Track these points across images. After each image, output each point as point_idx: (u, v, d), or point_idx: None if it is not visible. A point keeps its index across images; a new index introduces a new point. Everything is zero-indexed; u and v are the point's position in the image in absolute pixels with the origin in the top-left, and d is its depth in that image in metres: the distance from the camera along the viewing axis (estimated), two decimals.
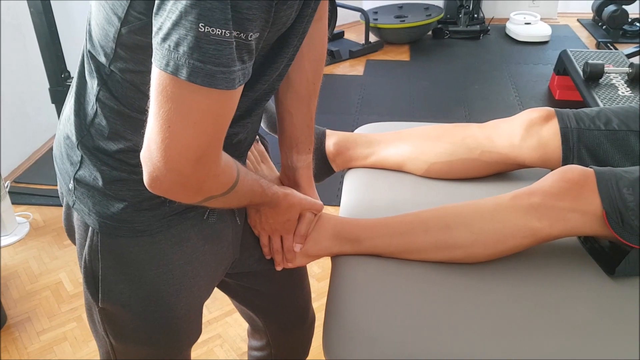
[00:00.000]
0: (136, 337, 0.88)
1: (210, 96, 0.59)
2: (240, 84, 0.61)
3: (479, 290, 0.88)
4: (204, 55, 0.56)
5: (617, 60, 3.07)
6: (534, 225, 0.87)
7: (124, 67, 0.69)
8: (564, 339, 0.79)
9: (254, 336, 1.24)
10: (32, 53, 2.66)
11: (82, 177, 0.78)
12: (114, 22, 0.65)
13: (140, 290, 0.82)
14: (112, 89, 0.71)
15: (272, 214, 0.91)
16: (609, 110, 1.06)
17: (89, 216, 0.79)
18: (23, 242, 2.24)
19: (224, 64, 0.57)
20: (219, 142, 0.66)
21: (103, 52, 0.70)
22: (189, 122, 0.60)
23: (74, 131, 0.77)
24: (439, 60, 3.96)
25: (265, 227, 0.94)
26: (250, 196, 0.82)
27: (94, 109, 0.74)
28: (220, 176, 0.70)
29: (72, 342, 1.79)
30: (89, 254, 0.81)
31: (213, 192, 0.71)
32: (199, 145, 0.63)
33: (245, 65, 0.60)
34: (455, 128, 1.14)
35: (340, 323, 0.86)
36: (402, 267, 0.93)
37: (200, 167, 0.65)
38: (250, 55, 0.61)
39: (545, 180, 0.90)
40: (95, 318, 0.88)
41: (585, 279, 0.89)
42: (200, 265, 0.85)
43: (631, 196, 0.84)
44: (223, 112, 0.63)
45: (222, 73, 0.58)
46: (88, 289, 0.85)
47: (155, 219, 0.79)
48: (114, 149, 0.74)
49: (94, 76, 0.73)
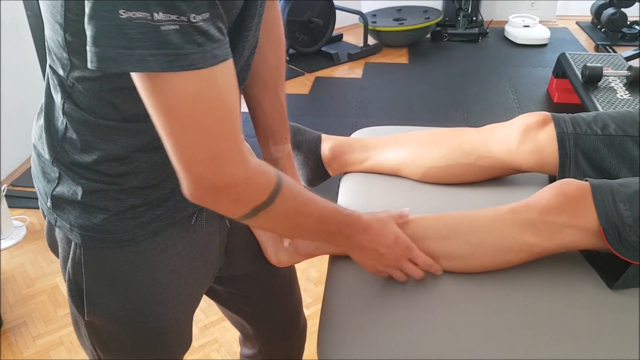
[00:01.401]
0: (124, 349, 0.87)
1: (173, 82, 0.56)
2: (205, 66, 0.57)
3: (476, 297, 0.87)
4: (129, 42, 0.53)
5: (616, 63, 3.06)
6: (530, 240, 0.87)
7: (80, 76, 0.67)
8: (561, 348, 0.79)
9: (246, 344, 1.23)
10: (30, 55, 2.66)
11: (60, 194, 0.76)
12: (57, 29, 0.64)
13: (126, 301, 0.81)
14: (76, 100, 0.70)
15: (375, 239, 0.85)
16: (605, 114, 1.06)
17: (71, 232, 0.77)
18: (19, 246, 2.23)
19: (168, 46, 0.54)
20: (225, 138, 0.62)
21: (60, 63, 0.69)
22: (177, 120, 0.59)
23: (47, 149, 0.76)
24: (438, 63, 3.96)
25: (386, 260, 0.86)
26: (317, 215, 0.77)
27: (63, 123, 0.73)
28: (252, 178, 0.66)
29: (68, 347, 1.78)
30: (72, 268, 0.80)
31: (252, 199, 0.67)
32: (205, 144, 0.60)
33: (204, 48, 0.56)
34: (451, 132, 1.14)
35: (334, 326, 0.86)
36: None
37: (220, 167, 0.62)
38: (206, 37, 0.57)
39: (542, 194, 0.89)
40: (82, 331, 0.87)
41: (584, 287, 0.88)
42: (188, 273, 0.84)
43: (628, 212, 0.83)
44: (203, 100, 0.58)
45: (167, 55, 0.54)
46: (73, 303, 0.83)
47: (140, 227, 0.77)
48: (89, 160, 0.73)
49: (58, 90, 0.72)
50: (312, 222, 0.78)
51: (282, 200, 0.70)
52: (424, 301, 0.87)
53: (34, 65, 2.46)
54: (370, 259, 0.87)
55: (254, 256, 0.99)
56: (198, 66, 0.56)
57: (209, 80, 0.58)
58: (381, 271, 0.88)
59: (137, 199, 0.75)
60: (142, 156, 0.73)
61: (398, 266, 0.88)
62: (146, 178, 0.75)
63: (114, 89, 0.67)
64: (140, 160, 0.73)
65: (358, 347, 0.81)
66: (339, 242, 0.85)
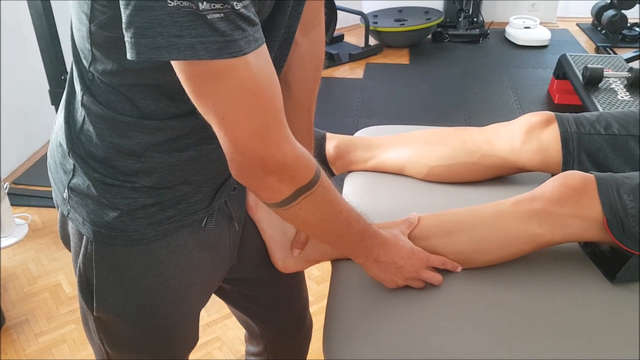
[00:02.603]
0: (132, 346, 0.87)
1: (223, 68, 0.58)
2: (250, 50, 0.59)
3: (479, 294, 0.88)
4: (182, 31, 0.55)
5: (617, 65, 3.07)
6: (535, 231, 0.87)
7: (102, 69, 0.68)
8: (563, 344, 0.79)
9: (251, 342, 1.23)
10: (32, 54, 2.66)
11: (76, 186, 0.77)
12: (84, 19, 0.65)
13: (135, 299, 0.81)
14: (95, 93, 0.71)
15: (392, 253, 0.85)
16: (609, 114, 1.06)
17: (84, 225, 0.78)
18: (22, 244, 2.24)
19: (223, 33, 0.56)
20: (273, 117, 0.64)
21: (83, 55, 0.69)
22: (228, 104, 0.60)
23: (65, 139, 0.77)
24: (439, 63, 3.97)
25: (405, 273, 0.87)
26: (346, 214, 0.78)
27: (82, 115, 0.74)
28: (299, 159, 0.68)
29: (71, 345, 1.79)
30: (83, 263, 0.80)
31: (297, 179, 0.69)
32: (256, 124, 0.62)
33: (248, 33, 0.58)
34: (455, 132, 1.14)
35: (340, 324, 0.86)
36: None
37: (270, 146, 0.64)
38: (248, 23, 0.58)
39: (546, 186, 0.90)
40: (90, 326, 0.87)
41: (585, 284, 0.89)
42: (196, 273, 0.84)
43: (632, 202, 0.84)
44: (253, 81, 0.60)
45: (221, 42, 0.56)
46: (83, 298, 0.84)
47: (151, 228, 0.77)
48: (104, 154, 0.74)
49: (79, 82, 0.72)
50: (341, 219, 0.78)
51: (322, 186, 0.72)
52: (429, 299, 0.88)
53: (36, 65, 2.46)
54: (389, 273, 0.87)
55: (263, 260, 0.99)
56: (245, 51, 0.57)
57: (255, 63, 0.60)
58: (401, 285, 0.88)
59: (150, 199, 0.76)
60: (157, 156, 0.73)
61: (418, 277, 0.88)
62: (160, 179, 0.75)
63: (133, 85, 0.68)
64: (155, 160, 0.73)
65: (364, 345, 0.82)
66: (357, 253, 0.85)
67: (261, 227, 0.96)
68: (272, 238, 0.97)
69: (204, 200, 0.81)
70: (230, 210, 0.88)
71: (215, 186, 0.82)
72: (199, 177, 0.78)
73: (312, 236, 0.94)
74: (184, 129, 0.72)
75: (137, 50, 0.55)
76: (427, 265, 0.88)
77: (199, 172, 0.78)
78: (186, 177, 0.77)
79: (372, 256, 0.85)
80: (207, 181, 0.80)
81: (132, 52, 0.56)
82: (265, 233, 0.97)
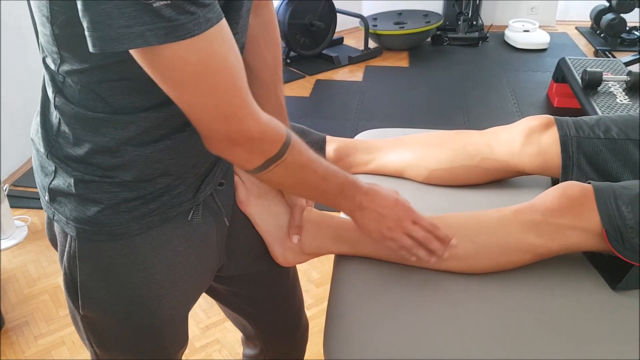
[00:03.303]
0: (120, 344, 0.87)
1: (172, 52, 0.59)
2: (199, 32, 0.60)
3: (480, 297, 0.88)
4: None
5: (615, 69, 3.08)
6: (534, 241, 0.88)
7: (69, 69, 0.69)
8: (563, 347, 0.79)
9: (248, 345, 1.23)
10: (32, 56, 2.67)
11: (56, 187, 0.78)
12: (45, 23, 0.66)
13: (121, 296, 0.81)
14: (67, 94, 0.72)
15: (375, 200, 0.86)
16: (608, 118, 1.07)
17: (67, 225, 0.78)
18: (21, 246, 2.24)
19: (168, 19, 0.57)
20: (233, 96, 0.66)
21: (51, 58, 0.70)
22: (184, 87, 0.63)
23: (42, 143, 0.77)
24: (438, 66, 3.97)
25: (388, 222, 0.86)
26: (322, 172, 0.81)
27: (57, 118, 0.75)
28: (265, 132, 0.71)
29: (70, 347, 1.79)
30: (67, 261, 0.81)
31: (265, 151, 0.72)
32: (216, 104, 0.65)
33: (197, 15, 0.59)
34: (455, 135, 1.15)
35: (340, 325, 0.86)
36: (403, 272, 0.93)
37: (233, 124, 0.67)
38: (197, 5, 0.59)
39: (546, 196, 0.90)
40: (79, 326, 0.87)
41: (587, 289, 0.89)
42: (183, 269, 0.84)
43: (630, 214, 0.84)
44: (205, 63, 0.62)
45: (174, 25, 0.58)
46: (69, 297, 0.84)
47: (134, 222, 0.78)
48: (82, 153, 0.74)
49: (50, 85, 0.73)
50: (317, 178, 0.81)
51: (292, 154, 0.75)
52: (429, 301, 0.88)
53: (36, 66, 2.47)
54: (372, 221, 0.87)
55: (256, 256, 0.99)
56: (193, 33, 0.59)
57: (206, 45, 0.61)
58: (388, 238, 0.87)
59: (131, 193, 0.76)
60: (132, 149, 0.74)
61: (402, 229, 0.87)
62: (139, 172, 0.76)
63: (101, 81, 0.69)
64: (131, 154, 0.74)
65: (364, 347, 0.82)
66: (341, 203, 0.86)
67: (255, 222, 0.97)
68: (268, 232, 0.97)
69: (188, 192, 0.81)
70: (218, 205, 0.88)
71: (198, 176, 0.82)
72: (179, 167, 0.79)
73: (292, 194, 0.96)
74: (156, 120, 0.73)
75: (93, 42, 0.58)
76: (412, 218, 0.87)
77: (177, 162, 0.78)
78: (165, 168, 0.77)
79: (355, 204, 0.86)
80: (188, 171, 0.80)
81: (90, 45, 0.59)
82: (260, 227, 0.97)
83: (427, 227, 0.87)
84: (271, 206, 0.97)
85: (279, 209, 0.98)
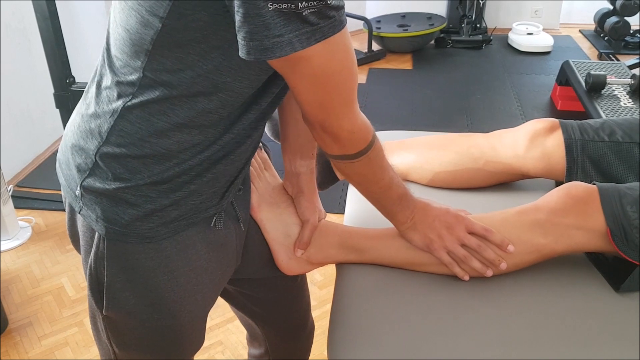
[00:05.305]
0: (139, 344, 0.88)
1: (312, 54, 0.64)
2: (332, 33, 0.64)
3: (483, 299, 0.88)
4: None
5: (619, 72, 3.08)
6: (539, 241, 0.87)
7: (160, 68, 0.69)
8: (567, 350, 0.79)
9: (253, 344, 1.24)
10: (37, 57, 2.68)
11: (90, 184, 0.78)
12: (154, 22, 0.66)
13: (144, 297, 0.82)
14: (142, 96, 0.71)
15: (426, 212, 0.91)
16: (613, 121, 1.07)
17: (97, 222, 0.78)
18: (25, 247, 2.24)
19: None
20: (338, 95, 0.72)
21: (137, 56, 0.69)
22: (301, 80, 0.68)
23: (89, 138, 0.77)
24: (442, 69, 3.98)
25: (439, 229, 0.90)
26: (392, 175, 0.87)
27: (113, 117, 0.74)
28: (355, 133, 0.78)
29: (74, 347, 1.79)
30: (94, 261, 0.81)
31: (347, 148, 0.79)
32: (319, 97, 0.71)
33: (334, 19, 0.63)
34: (460, 138, 1.15)
35: (344, 326, 0.87)
36: (406, 274, 0.94)
37: (328, 114, 0.73)
38: (336, 10, 0.64)
39: (550, 196, 0.90)
40: (99, 326, 0.88)
41: (590, 290, 0.89)
42: (204, 273, 0.85)
43: (635, 214, 0.84)
44: (320, 68, 0.67)
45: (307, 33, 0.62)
46: (93, 297, 0.84)
47: (163, 226, 0.79)
48: (133, 154, 0.74)
49: (122, 85, 0.72)
50: (385, 180, 0.87)
51: (367, 157, 0.82)
52: (433, 303, 0.88)
53: (40, 68, 2.48)
54: (424, 229, 0.91)
55: (266, 262, 1.00)
56: (328, 35, 0.63)
57: (335, 46, 0.66)
58: (439, 248, 0.90)
59: (167, 199, 0.77)
60: (188, 157, 0.76)
61: (454, 236, 0.89)
62: (180, 182, 0.77)
63: (188, 89, 0.71)
64: (188, 163, 0.76)
65: (368, 347, 0.82)
66: (397, 212, 0.90)
67: (264, 229, 0.97)
68: (275, 240, 0.98)
69: (214, 198, 0.82)
70: (236, 211, 0.89)
71: (227, 183, 0.83)
72: (216, 175, 0.80)
73: (358, 191, 0.98)
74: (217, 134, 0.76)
75: (247, 50, 0.62)
76: (464, 224, 0.90)
77: (215, 183, 0.80)
78: (196, 175, 0.78)
79: (409, 215, 0.91)
80: (221, 178, 0.82)
81: (243, 52, 0.63)
82: (268, 234, 0.97)
83: (480, 232, 0.89)
84: (282, 215, 0.98)
85: (289, 219, 0.98)
